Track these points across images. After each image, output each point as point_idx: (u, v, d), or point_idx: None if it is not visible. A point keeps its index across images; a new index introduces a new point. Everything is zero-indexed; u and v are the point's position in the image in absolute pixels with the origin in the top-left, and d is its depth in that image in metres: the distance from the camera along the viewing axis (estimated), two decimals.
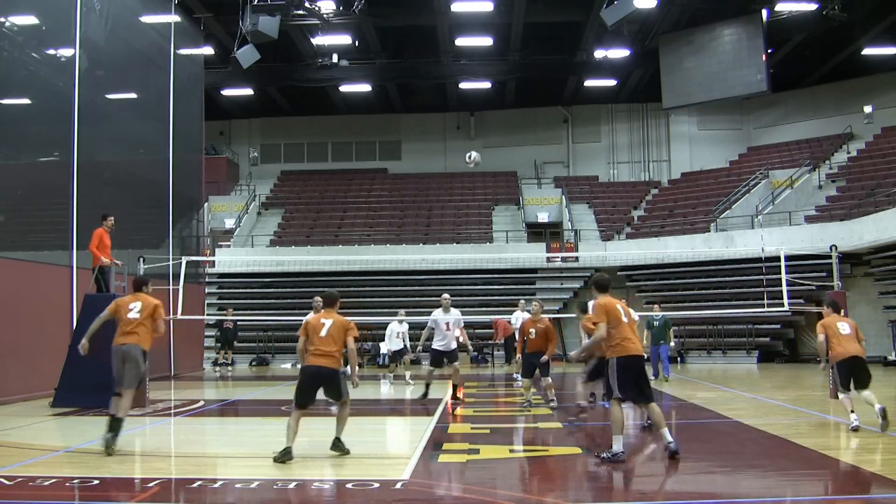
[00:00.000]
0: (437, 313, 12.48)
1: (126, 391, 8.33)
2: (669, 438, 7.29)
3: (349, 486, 6.52)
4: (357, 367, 8.05)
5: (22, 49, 15.23)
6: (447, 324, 12.34)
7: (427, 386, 12.74)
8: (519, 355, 11.97)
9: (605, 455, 7.22)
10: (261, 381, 19.28)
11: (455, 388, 12.54)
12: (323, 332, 7.60)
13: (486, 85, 32.20)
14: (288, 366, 23.76)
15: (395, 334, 16.35)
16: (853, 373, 8.99)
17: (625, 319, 7.44)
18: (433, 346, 12.46)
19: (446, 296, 12.64)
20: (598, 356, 12.08)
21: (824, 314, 9.72)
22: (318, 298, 11.29)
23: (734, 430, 9.50)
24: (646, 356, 9.21)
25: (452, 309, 12.57)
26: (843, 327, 9.37)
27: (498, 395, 14.77)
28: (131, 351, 8.44)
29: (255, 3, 21.07)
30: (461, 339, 12.66)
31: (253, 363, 25.10)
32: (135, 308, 8.62)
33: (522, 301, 19.33)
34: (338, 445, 7.64)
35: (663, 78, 28.56)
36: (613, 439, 7.25)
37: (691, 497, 6.18)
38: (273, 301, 26.83)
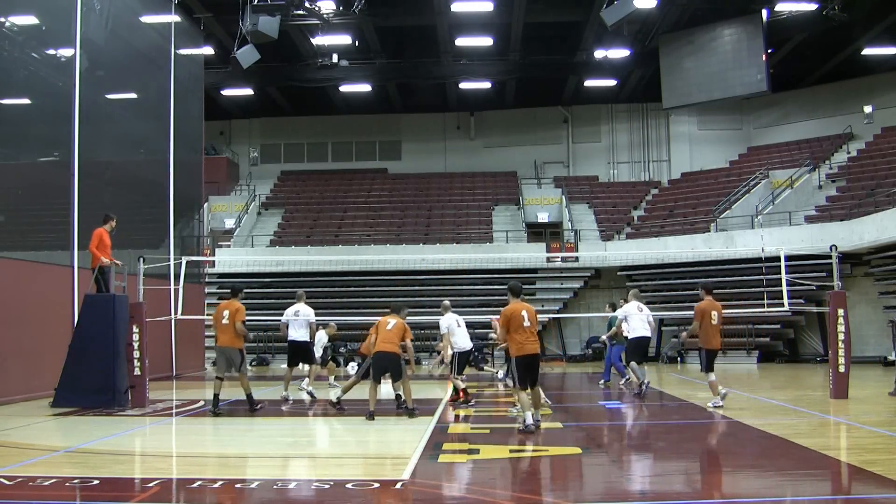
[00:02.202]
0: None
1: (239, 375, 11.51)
2: (537, 418, 9.14)
3: (349, 486, 6.52)
4: (412, 359, 11.21)
5: (22, 49, 15.23)
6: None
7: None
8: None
9: (520, 427, 9.00)
10: (261, 382, 19.27)
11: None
12: (388, 327, 10.54)
13: (486, 85, 32.20)
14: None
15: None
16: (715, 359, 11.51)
17: (526, 324, 9.03)
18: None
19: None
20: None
21: (702, 296, 11.80)
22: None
23: (734, 430, 9.51)
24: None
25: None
26: (714, 317, 11.46)
27: (498, 395, 14.76)
28: (228, 352, 11.49)
29: (255, 3, 21.06)
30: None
31: (253, 363, 25.06)
32: (225, 315, 11.34)
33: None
34: (409, 412, 10.46)
35: (663, 78, 28.56)
36: (525, 415, 9.03)
37: (692, 497, 6.18)
38: (273, 301, 26.78)
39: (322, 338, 14.99)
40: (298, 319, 13.72)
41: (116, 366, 12.41)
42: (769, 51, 26.67)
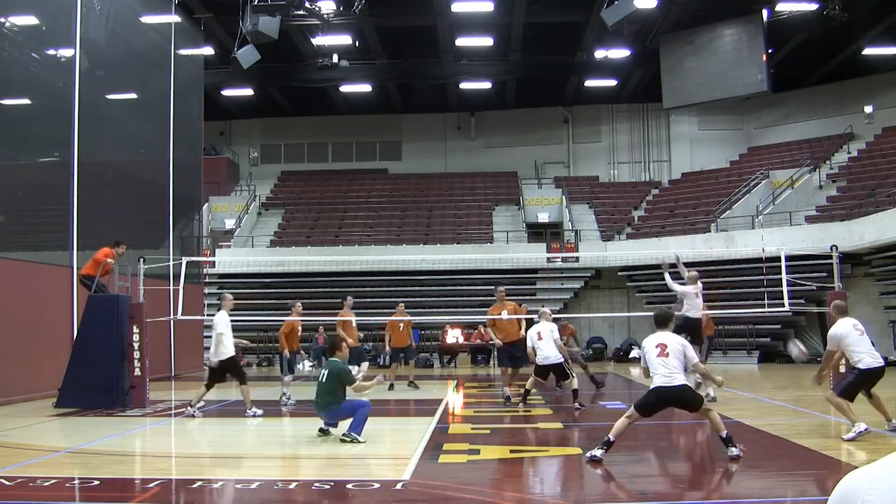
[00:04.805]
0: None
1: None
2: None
3: (350, 486, 6.51)
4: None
5: (22, 49, 15.23)
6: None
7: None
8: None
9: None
10: (262, 382, 19.26)
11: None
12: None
13: (487, 85, 32.19)
14: (300, 367, 23.70)
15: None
16: None
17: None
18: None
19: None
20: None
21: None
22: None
23: (735, 431, 9.45)
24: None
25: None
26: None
27: (499, 395, 14.75)
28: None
29: (256, 3, 21.05)
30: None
31: (264, 364, 24.95)
32: None
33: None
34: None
35: (664, 78, 28.54)
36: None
37: (692, 497, 6.17)
38: (274, 301, 26.80)
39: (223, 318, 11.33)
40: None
41: (120, 366, 12.42)
42: (770, 51, 26.66)
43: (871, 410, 8.65)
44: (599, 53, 28.85)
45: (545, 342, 11.64)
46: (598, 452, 7.16)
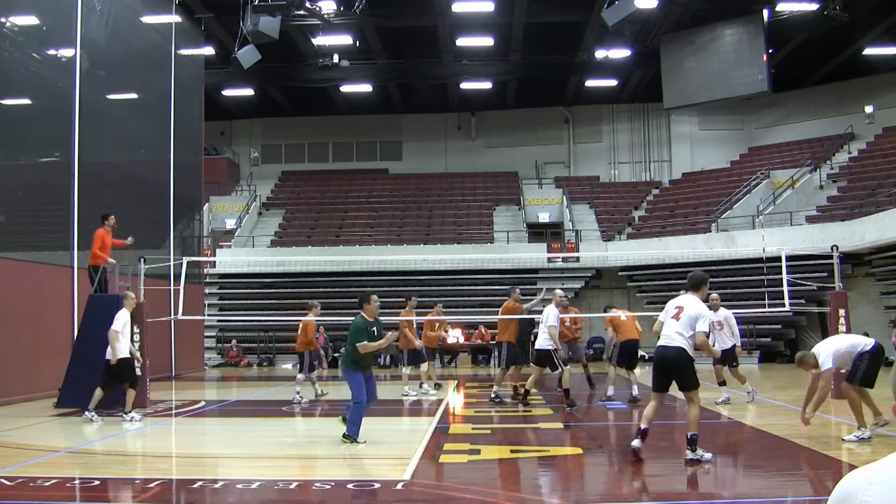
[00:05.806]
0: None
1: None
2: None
3: (350, 486, 6.52)
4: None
5: (23, 49, 15.24)
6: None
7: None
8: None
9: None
10: (262, 382, 19.29)
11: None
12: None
13: (487, 85, 32.18)
14: (289, 366, 23.73)
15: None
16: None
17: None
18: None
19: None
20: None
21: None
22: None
23: (735, 431, 9.50)
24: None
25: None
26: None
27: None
28: None
29: (256, 3, 21.05)
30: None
31: (265, 364, 24.98)
32: None
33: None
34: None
35: (664, 78, 28.53)
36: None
37: (691, 497, 6.18)
38: (274, 301, 26.83)
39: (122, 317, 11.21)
40: None
41: None
42: (770, 51, 26.64)
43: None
44: (600, 53, 28.84)
45: (541, 327, 11.80)
46: (635, 443, 7.04)
